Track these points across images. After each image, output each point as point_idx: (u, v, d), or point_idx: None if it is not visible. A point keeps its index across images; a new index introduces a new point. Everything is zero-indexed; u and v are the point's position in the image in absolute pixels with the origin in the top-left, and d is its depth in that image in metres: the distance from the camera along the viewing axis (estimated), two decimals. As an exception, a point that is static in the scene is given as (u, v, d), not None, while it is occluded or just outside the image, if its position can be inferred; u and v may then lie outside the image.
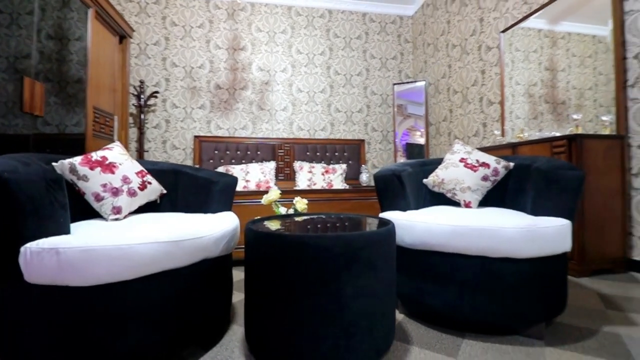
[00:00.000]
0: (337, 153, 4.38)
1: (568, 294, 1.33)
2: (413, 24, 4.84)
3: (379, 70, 4.72)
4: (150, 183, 1.52)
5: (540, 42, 2.84)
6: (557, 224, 1.24)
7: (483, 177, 1.71)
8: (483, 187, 1.72)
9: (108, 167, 1.39)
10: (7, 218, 0.86)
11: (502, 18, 3.23)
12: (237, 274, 2.13)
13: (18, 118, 2.09)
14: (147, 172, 1.55)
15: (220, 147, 4.07)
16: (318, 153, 4.32)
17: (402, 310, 1.53)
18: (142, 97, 3.88)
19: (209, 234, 1.17)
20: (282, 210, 1.85)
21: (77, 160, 1.31)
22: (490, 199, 1.73)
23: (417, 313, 1.49)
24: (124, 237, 0.95)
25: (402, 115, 4.55)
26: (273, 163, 3.88)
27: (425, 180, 1.84)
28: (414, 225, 1.38)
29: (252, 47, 4.35)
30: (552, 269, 1.26)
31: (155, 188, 1.56)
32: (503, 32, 3.19)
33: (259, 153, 4.14)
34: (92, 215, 1.36)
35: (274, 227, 1.26)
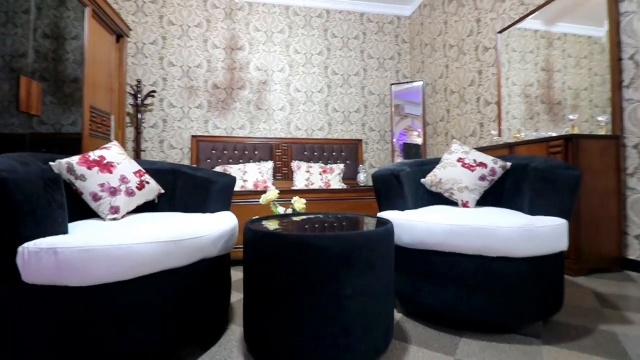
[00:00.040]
0: (334, 153, 4.38)
1: (565, 293, 1.34)
2: (411, 25, 4.85)
3: (377, 71, 4.73)
4: (149, 183, 1.52)
5: (537, 43, 2.86)
6: (554, 224, 1.25)
7: (481, 177, 1.72)
8: (481, 187, 1.73)
9: (106, 166, 1.38)
10: (4, 218, 0.85)
11: (499, 19, 3.25)
12: (234, 274, 2.12)
13: (14, 117, 2.08)
14: (145, 171, 1.54)
15: (218, 147, 4.06)
16: (316, 153, 4.32)
17: (400, 310, 1.54)
18: (139, 96, 3.86)
19: (208, 234, 1.17)
20: (280, 210, 1.85)
21: (74, 160, 1.31)
22: (488, 199, 1.74)
23: (415, 312, 1.50)
24: (123, 237, 0.95)
25: (399, 116, 4.56)
26: (271, 163, 3.88)
27: (424, 180, 1.85)
28: (413, 225, 1.39)
29: (250, 46, 4.34)
30: (549, 268, 1.27)
31: (154, 188, 1.55)
32: (500, 33, 3.20)
33: (257, 153, 4.14)
34: (89, 215, 1.35)
35: (274, 227, 1.27)
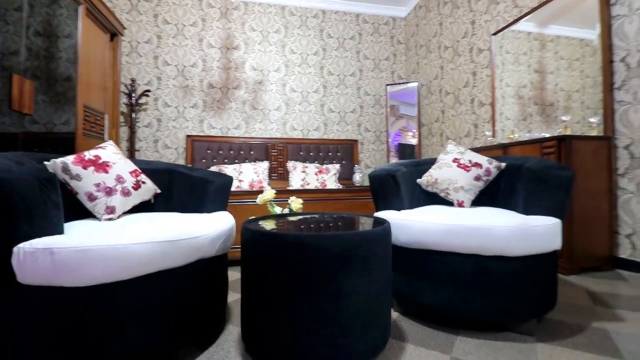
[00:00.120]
0: (330, 153, 4.39)
1: (558, 292, 1.36)
2: (406, 26, 4.88)
3: (372, 71, 4.75)
4: (145, 182, 1.51)
5: (530, 44, 2.90)
6: (547, 223, 1.27)
7: (476, 177, 1.74)
8: (476, 186, 1.75)
9: (101, 166, 1.37)
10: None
11: (493, 21, 3.29)
12: (231, 274, 2.11)
13: (6, 116, 2.05)
14: (141, 171, 1.53)
15: (213, 146, 4.04)
16: (311, 153, 4.33)
17: (397, 309, 1.55)
18: (133, 95, 3.83)
19: (205, 234, 1.17)
20: (277, 210, 1.85)
21: (69, 160, 1.29)
22: (483, 199, 1.76)
23: (412, 311, 1.51)
24: (119, 237, 0.94)
25: (394, 116, 4.58)
26: (266, 163, 3.87)
27: (419, 180, 1.86)
28: (409, 225, 1.40)
29: (245, 46, 4.33)
30: (543, 267, 1.29)
31: (150, 187, 1.54)
32: (494, 34, 3.24)
33: (252, 153, 4.13)
34: (84, 215, 1.34)
35: (271, 226, 1.27)
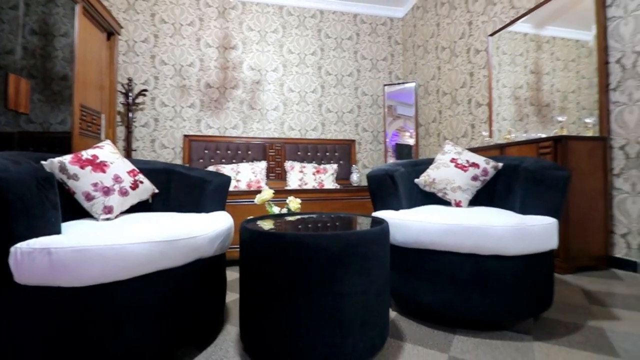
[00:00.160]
0: (328, 153, 4.39)
1: (554, 291, 1.37)
2: (403, 26, 4.89)
3: (370, 71, 4.76)
4: (142, 182, 1.50)
5: (526, 45, 2.92)
6: (544, 222, 1.28)
7: (473, 177, 1.75)
8: (473, 186, 1.76)
9: (99, 166, 1.36)
10: (-4, 217, 0.84)
11: (490, 22, 3.31)
12: (229, 274, 2.11)
13: (1, 115, 2.03)
14: (139, 171, 1.52)
15: (211, 146, 4.03)
16: (309, 153, 4.33)
17: (395, 308, 1.55)
18: (130, 95, 3.81)
19: (203, 234, 1.17)
20: (275, 210, 1.85)
21: (67, 159, 1.29)
22: (480, 199, 1.77)
23: (409, 310, 1.51)
24: (117, 237, 0.94)
25: (392, 116, 4.59)
26: (264, 163, 3.87)
27: (417, 180, 1.87)
28: (407, 224, 1.41)
29: (243, 46, 4.32)
30: (539, 266, 1.30)
31: (147, 187, 1.53)
32: (491, 35, 3.26)
33: (250, 153, 4.12)
34: (82, 215, 1.33)
35: (269, 226, 1.27)
